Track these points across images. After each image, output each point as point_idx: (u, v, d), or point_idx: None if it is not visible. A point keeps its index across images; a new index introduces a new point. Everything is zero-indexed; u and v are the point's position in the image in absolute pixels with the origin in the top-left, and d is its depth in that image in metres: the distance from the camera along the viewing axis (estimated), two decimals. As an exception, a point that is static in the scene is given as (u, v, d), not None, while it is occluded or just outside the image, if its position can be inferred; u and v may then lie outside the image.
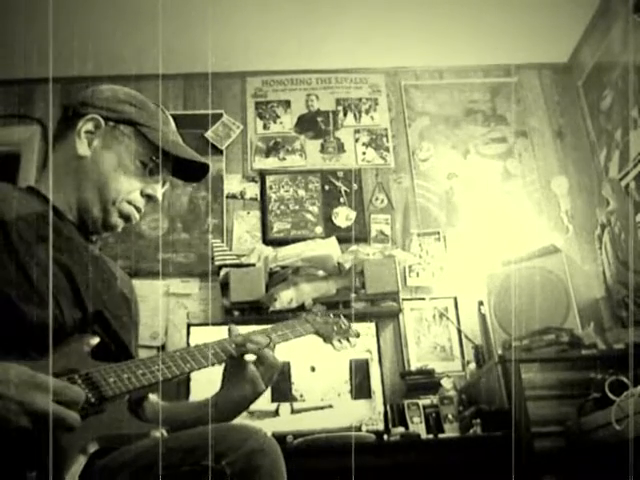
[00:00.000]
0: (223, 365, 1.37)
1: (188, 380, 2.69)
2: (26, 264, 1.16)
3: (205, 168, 1.47)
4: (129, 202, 1.36)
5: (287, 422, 2.68)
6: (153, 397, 1.39)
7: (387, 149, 3.67)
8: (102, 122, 1.36)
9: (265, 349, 1.35)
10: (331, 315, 1.68)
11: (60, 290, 1.19)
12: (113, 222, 1.36)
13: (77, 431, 0.98)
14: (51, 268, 1.18)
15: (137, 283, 1.61)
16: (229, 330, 1.41)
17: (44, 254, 1.19)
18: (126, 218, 1.38)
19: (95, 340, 1.17)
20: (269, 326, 1.47)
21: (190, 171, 1.47)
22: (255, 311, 3.04)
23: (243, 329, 1.44)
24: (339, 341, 1.62)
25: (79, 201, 1.33)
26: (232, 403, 1.35)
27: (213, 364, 1.27)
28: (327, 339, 1.59)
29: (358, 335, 1.70)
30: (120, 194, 1.34)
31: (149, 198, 1.40)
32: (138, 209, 1.39)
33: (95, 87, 1.44)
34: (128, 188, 1.36)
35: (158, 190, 1.42)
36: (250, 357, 1.35)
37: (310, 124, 3.72)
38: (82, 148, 1.34)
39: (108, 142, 1.36)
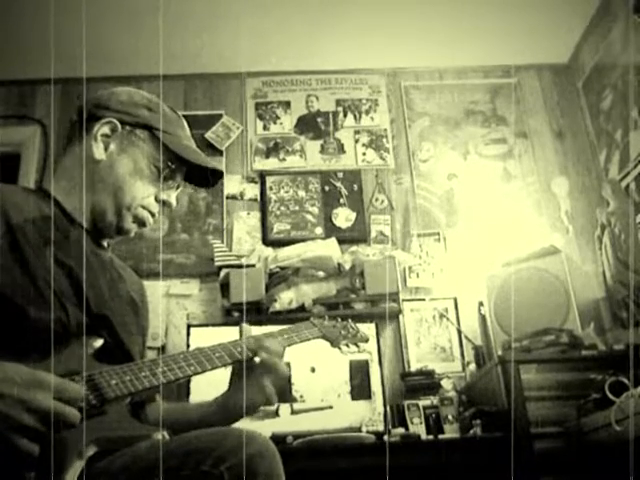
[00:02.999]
0: (231, 367, 1.36)
1: (188, 382, 2.69)
2: (33, 267, 1.16)
3: (218, 174, 1.48)
4: (144, 207, 1.36)
5: (287, 423, 2.68)
6: (157, 399, 1.39)
7: (387, 150, 3.67)
8: (119, 126, 1.35)
9: (277, 359, 1.35)
10: (339, 319, 1.68)
11: (65, 293, 1.19)
12: (127, 227, 1.36)
13: (77, 433, 0.99)
14: (52, 271, 1.18)
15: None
16: (241, 329, 1.40)
17: (50, 257, 1.19)
18: (140, 223, 1.37)
19: (98, 342, 1.17)
20: (276, 329, 1.46)
21: (203, 177, 1.47)
22: (255, 312, 3.04)
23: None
24: (347, 345, 1.61)
25: (93, 205, 1.32)
26: (240, 408, 1.34)
27: (217, 368, 1.26)
28: (334, 344, 1.59)
29: (367, 340, 1.69)
30: (135, 199, 1.34)
31: (163, 203, 1.40)
32: (152, 214, 1.39)
33: (111, 89, 1.43)
34: (143, 193, 1.35)
35: (172, 195, 1.42)
36: (258, 359, 1.34)
37: (310, 125, 3.72)
38: (98, 152, 1.33)
39: (124, 146, 1.35)
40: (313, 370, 2.82)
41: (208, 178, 1.48)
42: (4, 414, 0.91)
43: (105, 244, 1.40)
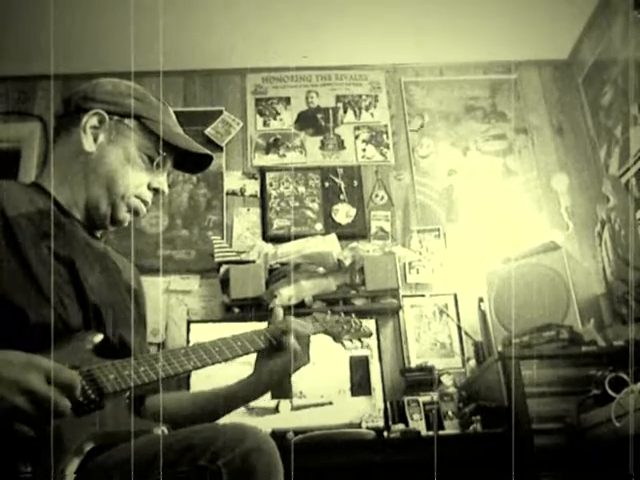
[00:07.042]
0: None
1: (188, 377, 2.69)
2: (29, 262, 1.16)
3: (208, 159, 1.48)
4: (137, 196, 1.37)
5: (287, 419, 2.68)
6: (166, 394, 1.38)
7: (387, 146, 3.67)
8: (106, 117, 1.35)
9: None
10: (342, 314, 1.67)
11: (64, 288, 1.19)
12: (121, 217, 1.37)
13: (74, 427, 0.99)
14: (52, 266, 1.17)
15: (138, 280, 1.60)
16: (272, 314, 1.46)
17: (47, 251, 1.19)
18: (134, 212, 1.38)
19: (99, 337, 1.16)
20: None
21: (193, 162, 1.48)
22: (255, 308, 3.04)
23: (243, 326, 1.44)
24: (350, 340, 1.61)
25: (87, 197, 1.33)
26: (275, 373, 1.42)
27: (217, 363, 1.26)
28: (337, 338, 1.59)
29: (370, 334, 1.70)
30: (128, 189, 1.35)
31: (156, 191, 1.41)
32: (145, 203, 1.40)
33: (96, 80, 1.43)
34: (136, 183, 1.36)
35: (164, 183, 1.42)
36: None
37: (310, 121, 3.72)
38: (88, 144, 1.34)
39: (113, 137, 1.35)
40: (313, 366, 2.82)
41: (198, 164, 1.49)
42: None
43: (99, 235, 1.40)
